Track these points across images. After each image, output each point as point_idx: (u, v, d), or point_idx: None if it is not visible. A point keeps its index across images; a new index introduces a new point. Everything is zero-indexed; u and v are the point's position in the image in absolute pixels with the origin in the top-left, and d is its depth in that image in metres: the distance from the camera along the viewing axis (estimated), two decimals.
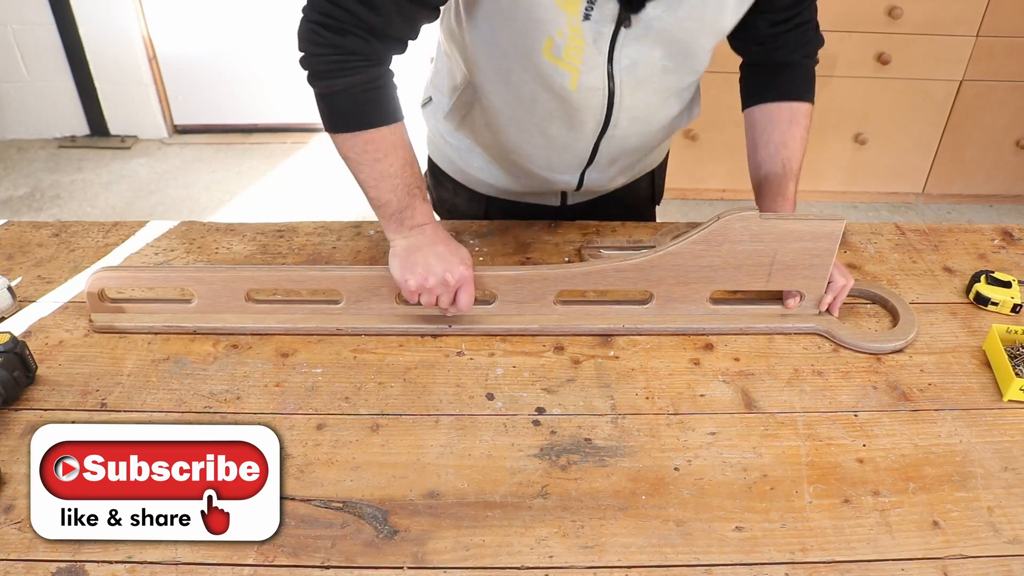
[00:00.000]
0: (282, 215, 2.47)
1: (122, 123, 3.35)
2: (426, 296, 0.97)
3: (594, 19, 0.91)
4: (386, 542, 0.77)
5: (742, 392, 0.94)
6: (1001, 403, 0.93)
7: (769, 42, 1.07)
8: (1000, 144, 2.94)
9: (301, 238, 1.20)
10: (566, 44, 0.94)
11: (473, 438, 0.88)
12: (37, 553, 0.75)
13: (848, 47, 2.71)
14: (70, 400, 0.92)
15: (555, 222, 1.24)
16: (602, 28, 0.93)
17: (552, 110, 1.04)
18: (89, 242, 1.20)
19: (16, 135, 3.39)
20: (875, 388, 0.95)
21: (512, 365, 0.98)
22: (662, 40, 0.96)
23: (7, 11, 3.10)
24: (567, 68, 0.97)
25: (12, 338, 0.90)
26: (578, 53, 0.95)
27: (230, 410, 0.91)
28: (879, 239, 1.23)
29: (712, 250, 0.97)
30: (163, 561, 0.75)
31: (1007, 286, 1.07)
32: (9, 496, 0.81)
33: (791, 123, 1.09)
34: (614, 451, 0.86)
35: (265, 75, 3.31)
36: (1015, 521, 0.80)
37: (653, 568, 0.75)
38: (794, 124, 1.09)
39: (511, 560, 0.76)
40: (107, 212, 2.91)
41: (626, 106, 1.04)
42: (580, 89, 0.99)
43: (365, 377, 0.96)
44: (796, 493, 0.82)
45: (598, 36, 0.94)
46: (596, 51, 0.95)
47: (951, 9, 2.62)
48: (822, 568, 0.75)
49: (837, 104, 2.84)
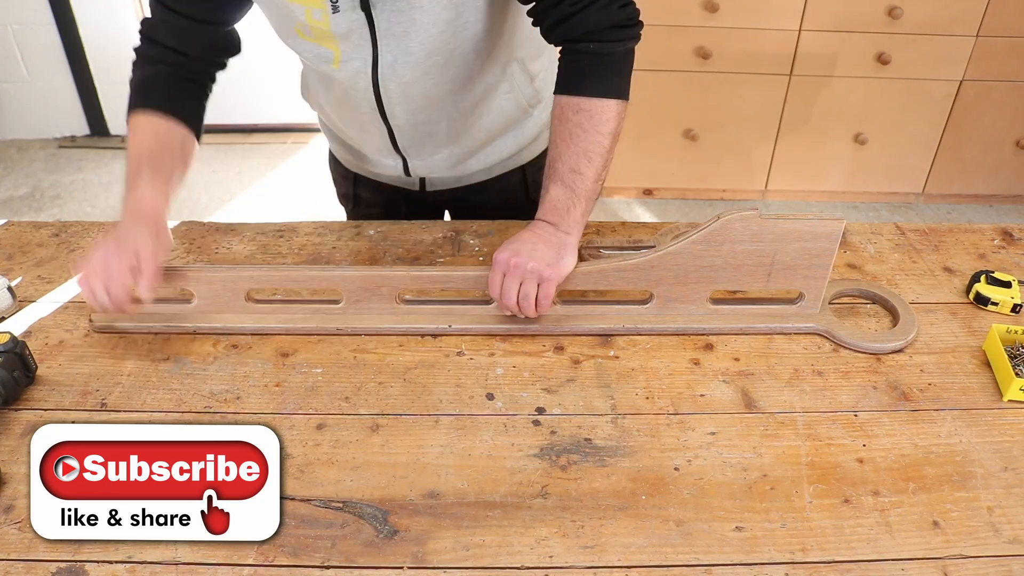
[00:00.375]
0: (282, 215, 2.47)
1: (122, 123, 3.33)
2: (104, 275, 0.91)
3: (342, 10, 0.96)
4: (386, 542, 0.77)
5: (742, 392, 0.94)
6: (1001, 403, 0.93)
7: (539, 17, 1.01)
8: (1000, 144, 2.94)
9: (301, 238, 1.20)
10: (312, 28, 0.99)
11: (473, 438, 0.88)
12: (37, 553, 0.75)
13: (848, 47, 2.71)
14: (70, 400, 0.92)
15: None
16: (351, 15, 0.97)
17: (336, 90, 1.10)
18: (89, 242, 1.20)
19: (16, 135, 3.39)
20: (875, 388, 0.95)
21: (512, 365, 0.98)
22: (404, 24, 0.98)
23: (7, 11, 3.10)
24: (328, 47, 1.01)
25: (12, 338, 0.90)
26: (328, 36, 0.99)
27: (230, 410, 0.91)
28: (879, 239, 1.23)
29: (712, 250, 0.97)
30: (163, 561, 0.75)
31: (1007, 286, 1.07)
32: (9, 496, 0.81)
33: (559, 119, 1.00)
34: (614, 451, 0.87)
35: (265, 75, 3.30)
36: (1015, 521, 0.80)
37: (653, 568, 0.75)
38: (562, 120, 0.99)
39: (511, 560, 0.76)
40: (107, 212, 2.91)
41: (396, 99, 1.07)
42: (343, 70, 1.04)
43: (365, 377, 0.96)
44: (796, 493, 0.82)
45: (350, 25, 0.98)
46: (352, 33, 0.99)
47: (951, 9, 2.62)
48: (822, 568, 0.75)
49: (837, 104, 2.84)
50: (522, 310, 0.97)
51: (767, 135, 2.94)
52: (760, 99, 2.84)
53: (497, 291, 0.97)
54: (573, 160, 0.98)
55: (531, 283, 0.95)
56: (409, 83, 1.06)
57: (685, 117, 2.90)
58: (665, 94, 2.83)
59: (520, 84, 1.17)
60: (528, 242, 0.96)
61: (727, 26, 2.67)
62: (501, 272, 0.96)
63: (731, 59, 2.75)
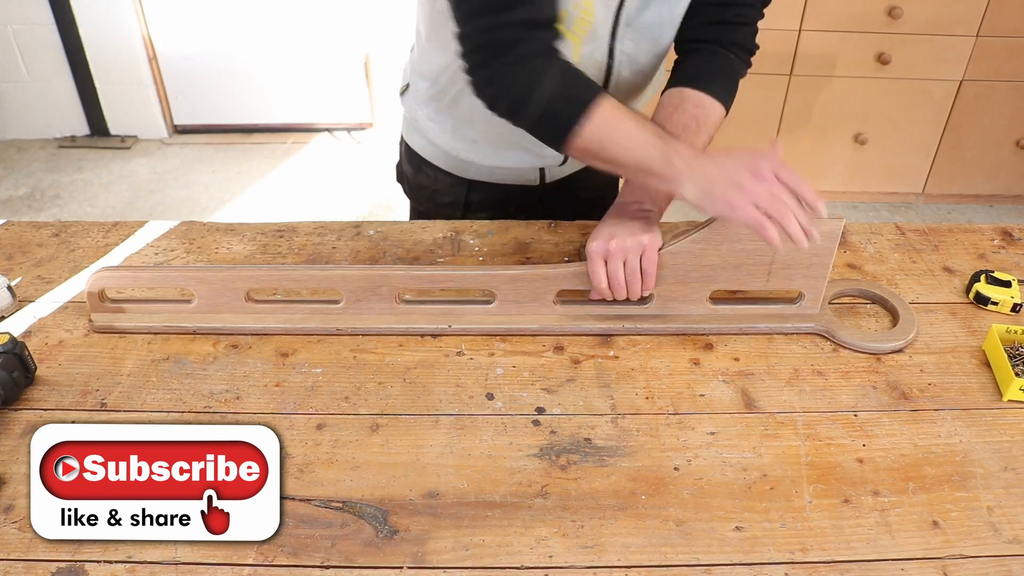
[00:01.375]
0: (282, 215, 2.47)
1: (122, 123, 3.35)
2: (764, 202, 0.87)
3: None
4: (386, 542, 0.77)
5: (742, 392, 0.94)
6: (1001, 403, 0.94)
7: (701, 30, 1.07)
8: (1000, 144, 2.94)
9: (301, 238, 1.20)
10: (578, 16, 0.96)
11: (473, 438, 0.88)
12: (37, 553, 0.75)
13: (848, 47, 2.71)
14: (70, 400, 0.92)
15: (555, 222, 1.24)
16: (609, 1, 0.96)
17: None
18: (89, 242, 1.20)
19: (16, 135, 3.39)
20: (875, 388, 0.95)
21: (512, 365, 0.98)
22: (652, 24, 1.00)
23: (7, 11, 3.10)
24: (571, 38, 0.99)
25: (11, 339, 0.90)
26: (586, 24, 0.97)
27: (230, 410, 0.91)
28: (879, 239, 1.23)
29: (712, 249, 0.97)
30: (163, 561, 0.75)
31: (1007, 286, 1.07)
32: (9, 496, 0.81)
33: (676, 108, 1.02)
34: (614, 451, 0.87)
35: (265, 75, 3.31)
36: (1015, 521, 0.80)
37: (653, 568, 0.75)
38: (679, 110, 1.01)
39: (511, 560, 0.76)
40: (107, 212, 2.91)
41: (622, 87, 1.07)
42: (581, 60, 1.01)
43: (365, 377, 0.96)
44: (796, 493, 0.82)
45: (605, 9, 0.97)
46: (603, 22, 0.98)
47: (951, 9, 2.62)
48: (822, 568, 0.75)
49: (837, 104, 2.84)
50: (630, 292, 0.98)
51: (767, 135, 2.94)
52: (760, 99, 2.84)
53: (603, 279, 0.96)
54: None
55: (634, 256, 0.96)
56: (638, 61, 1.06)
57: None
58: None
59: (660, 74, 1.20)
60: (614, 223, 0.98)
61: None
62: (601, 259, 0.96)
63: None
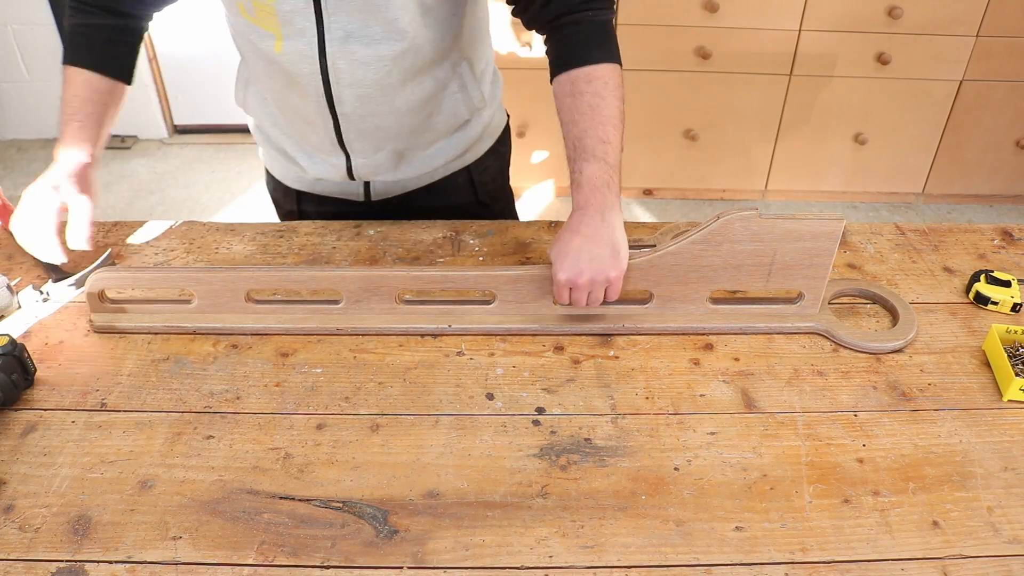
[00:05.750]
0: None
1: (122, 123, 3.35)
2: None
3: None
4: (386, 542, 0.77)
5: (742, 392, 0.94)
6: (1001, 403, 0.94)
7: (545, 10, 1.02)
8: (1000, 144, 2.94)
9: (301, 238, 1.20)
10: (255, 6, 0.98)
11: (473, 438, 0.88)
12: (37, 553, 0.75)
13: (848, 47, 2.71)
14: (70, 400, 0.92)
15: (554, 222, 1.24)
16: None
17: (279, 77, 1.08)
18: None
19: (16, 135, 3.39)
20: (875, 388, 0.95)
21: (512, 365, 0.98)
22: (363, 7, 0.97)
23: (7, 11, 3.10)
24: (268, 29, 1.00)
25: (11, 340, 0.90)
26: (271, 16, 0.98)
27: (230, 410, 0.91)
28: (879, 239, 1.23)
29: (712, 250, 0.97)
30: (163, 561, 0.75)
31: (1007, 285, 1.07)
32: (9, 496, 0.81)
33: (572, 95, 0.99)
34: (614, 451, 0.87)
35: None
36: (1015, 521, 0.80)
37: (653, 568, 0.75)
38: (576, 95, 0.99)
39: (511, 560, 0.76)
40: (107, 212, 2.91)
41: (346, 81, 1.05)
42: (286, 52, 1.02)
43: (365, 377, 0.96)
44: (796, 493, 0.82)
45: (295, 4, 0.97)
46: (296, 11, 0.97)
47: (951, 9, 2.62)
48: (822, 568, 0.75)
49: (837, 104, 2.84)
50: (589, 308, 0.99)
51: (767, 135, 2.94)
52: (760, 99, 2.84)
53: (565, 300, 0.98)
54: (600, 131, 0.97)
55: (599, 289, 0.95)
56: (361, 63, 1.03)
57: (685, 117, 2.90)
58: (665, 94, 2.83)
59: (469, 84, 1.17)
60: (582, 251, 0.93)
61: (727, 26, 2.68)
62: (567, 290, 0.96)
63: (731, 59, 2.75)
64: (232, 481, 0.83)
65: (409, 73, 1.07)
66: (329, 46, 1.01)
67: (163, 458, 0.85)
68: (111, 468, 0.84)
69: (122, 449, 0.86)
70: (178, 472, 0.84)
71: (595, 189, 0.95)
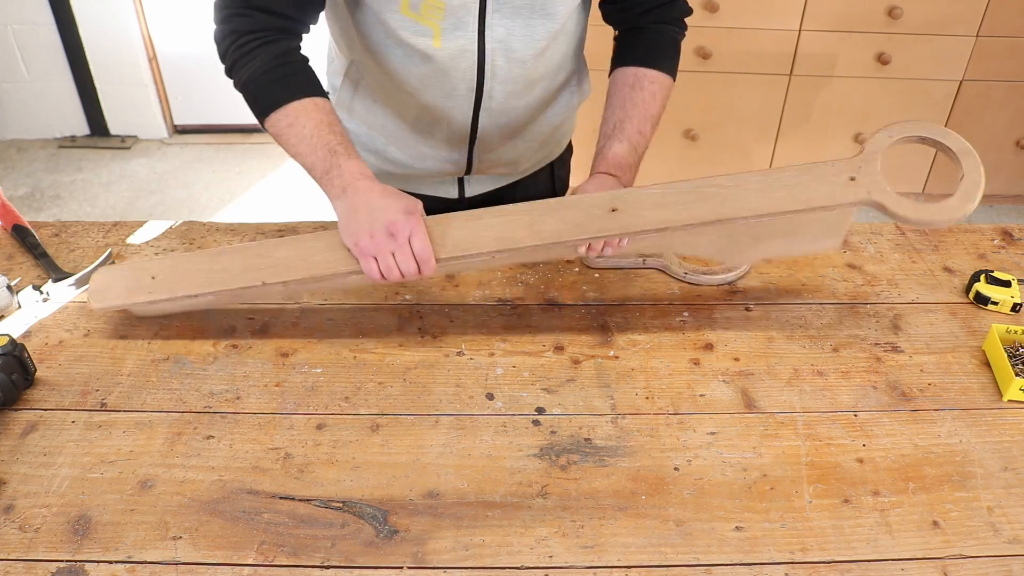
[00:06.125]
0: (282, 215, 2.47)
1: (122, 123, 3.35)
2: (381, 258, 0.91)
3: None
4: (386, 542, 0.77)
5: (742, 392, 0.94)
6: (1001, 403, 0.94)
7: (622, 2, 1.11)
8: (1000, 144, 2.94)
9: None
10: (423, 2, 0.97)
11: (473, 438, 0.88)
12: (37, 553, 0.75)
13: (848, 47, 2.71)
14: (70, 400, 0.92)
15: None
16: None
17: (423, 75, 1.05)
18: (89, 242, 1.20)
19: (16, 135, 3.39)
20: (875, 388, 0.95)
21: (512, 365, 0.98)
22: (523, 7, 0.99)
23: (7, 11, 3.10)
24: (428, 24, 0.99)
25: (11, 341, 0.90)
26: (437, 9, 0.97)
27: (230, 410, 0.91)
28: (879, 239, 1.23)
29: None
30: (163, 561, 0.75)
31: (1007, 285, 1.07)
32: (9, 496, 0.81)
33: (632, 87, 1.09)
34: (614, 451, 0.87)
35: None
36: (1015, 521, 0.80)
37: (653, 568, 0.75)
38: (636, 88, 1.09)
39: (511, 560, 0.76)
40: (107, 212, 2.91)
41: (500, 77, 1.05)
42: (445, 48, 1.01)
43: (365, 377, 0.96)
44: (796, 493, 0.82)
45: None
46: (463, 5, 0.97)
47: (951, 9, 2.62)
48: (822, 568, 0.75)
49: (837, 104, 2.84)
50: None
51: (767, 135, 2.94)
52: (760, 99, 2.84)
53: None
54: (641, 123, 1.08)
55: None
56: (518, 61, 1.04)
57: (685, 117, 2.90)
58: None
59: (582, 83, 1.21)
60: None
61: (727, 26, 2.67)
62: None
63: (731, 59, 2.75)
64: (232, 481, 0.83)
65: (550, 66, 1.10)
66: (489, 44, 1.02)
67: (163, 458, 0.85)
68: (111, 468, 0.84)
69: (122, 449, 0.86)
70: (178, 472, 0.84)
71: (619, 164, 1.05)
